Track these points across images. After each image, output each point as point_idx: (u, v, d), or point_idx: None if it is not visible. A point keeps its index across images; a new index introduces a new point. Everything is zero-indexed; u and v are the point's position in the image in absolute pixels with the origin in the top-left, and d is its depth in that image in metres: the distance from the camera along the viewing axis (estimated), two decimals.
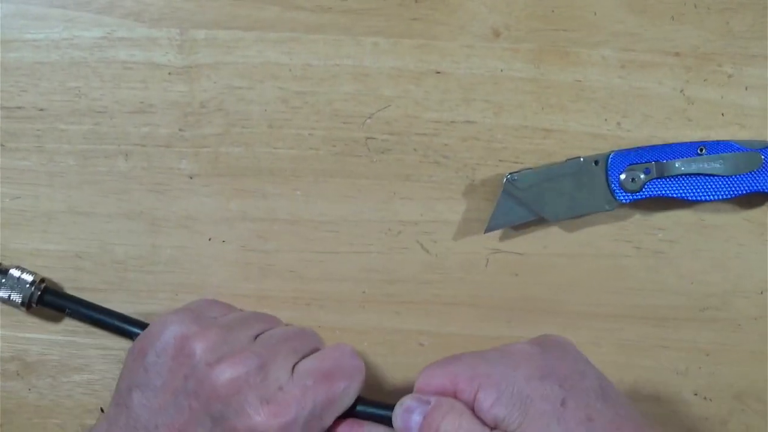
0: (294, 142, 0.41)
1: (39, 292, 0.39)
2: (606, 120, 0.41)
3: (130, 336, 0.38)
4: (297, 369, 0.34)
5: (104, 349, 0.41)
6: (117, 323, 0.39)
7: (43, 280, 0.39)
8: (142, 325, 0.39)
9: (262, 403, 0.32)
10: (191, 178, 0.41)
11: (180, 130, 0.41)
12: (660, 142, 0.41)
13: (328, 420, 0.34)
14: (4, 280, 0.39)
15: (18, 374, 0.41)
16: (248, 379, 0.33)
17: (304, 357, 0.35)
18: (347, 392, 0.35)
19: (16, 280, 0.39)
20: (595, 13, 0.41)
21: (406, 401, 0.33)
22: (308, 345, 0.36)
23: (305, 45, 0.41)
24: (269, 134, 0.41)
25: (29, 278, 0.39)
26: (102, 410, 0.41)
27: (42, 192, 0.41)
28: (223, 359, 0.33)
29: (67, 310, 0.39)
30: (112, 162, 0.41)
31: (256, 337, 0.36)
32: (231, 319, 0.36)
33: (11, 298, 0.39)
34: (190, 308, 0.37)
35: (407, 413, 0.32)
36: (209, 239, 0.41)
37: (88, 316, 0.39)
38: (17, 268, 0.39)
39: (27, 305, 0.39)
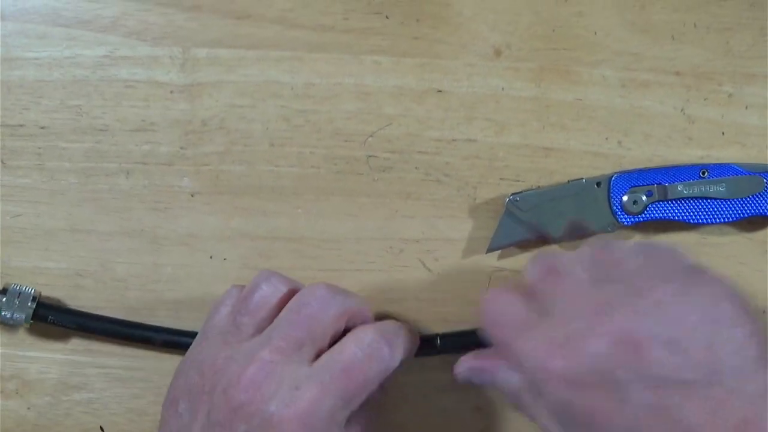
0: (295, 160, 0.41)
1: (40, 309, 0.39)
2: (607, 139, 0.41)
3: (148, 341, 0.40)
4: (314, 366, 0.33)
5: (104, 368, 0.41)
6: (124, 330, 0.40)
7: (35, 297, 0.39)
8: (149, 328, 0.40)
9: (280, 408, 0.32)
10: (192, 196, 0.41)
11: (181, 148, 0.41)
12: (661, 161, 0.41)
13: (354, 407, 0.34)
14: (4, 299, 0.39)
15: (17, 392, 0.41)
16: (263, 392, 0.32)
17: (321, 349, 0.34)
18: (369, 383, 0.34)
19: (16, 297, 0.39)
20: (596, 33, 0.41)
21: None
22: (326, 332, 0.35)
23: (307, 64, 0.41)
24: (271, 152, 0.41)
25: (30, 294, 0.39)
26: (102, 429, 0.41)
27: (43, 210, 0.41)
28: (236, 381, 0.33)
29: (73, 325, 0.39)
30: (114, 180, 0.41)
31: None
32: (239, 321, 0.35)
33: (14, 316, 0.38)
34: (206, 332, 0.37)
35: None
36: (210, 257, 0.41)
37: (92, 328, 0.40)
38: (15, 284, 0.39)
39: (29, 323, 0.39)
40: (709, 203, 0.40)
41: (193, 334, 0.38)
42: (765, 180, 0.39)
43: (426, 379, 0.41)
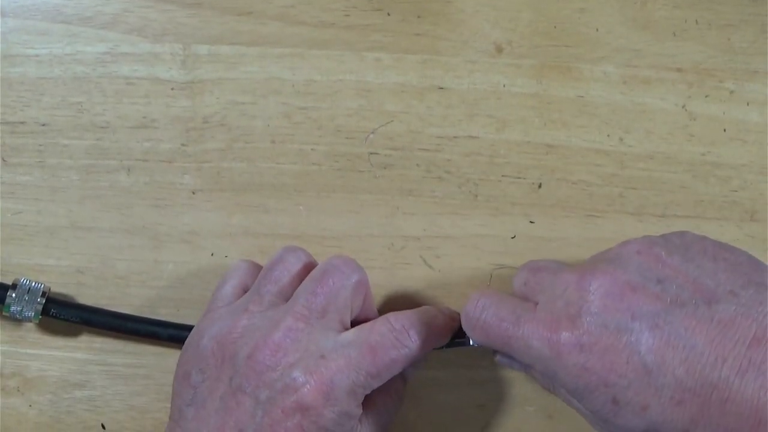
0: (297, 157, 0.41)
1: (49, 305, 0.39)
2: (608, 136, 0.41)
3: (154, 336, 0.39)
4: (340, 338, 0.34)
5: (105, 365, 0.41)
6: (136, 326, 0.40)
7: (44, 293, 0.39)
8: (155, 323, 0.40)
9: (306, 374, 0.32)
10: (194, 193, 0.41)
11: (182, 145, 0.41)
12: (662, 158, 0.41)
13: (374, 387, 0.34)
14: (14, 295, 0.38)
15: (18, 390, 0.41)
16: (289, 357, 0.33)
17: (345, 325, 0.35)
18: (394, 366, 0.34)
19: (26, 292, 0.39)
20: (597, 30, 0.41)
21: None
22: (347, 301, 0.35)
23: (308, 60, 0.41)
24: (272, 149, 0.41)
25: (39, 290, 0.39)
26: (103, 427, 0.41)
27: (44, 207, 0.41)
28: (262, 345, 0.33)
29: (77, 319, 0.39)
30: (114, 177, 0.41)
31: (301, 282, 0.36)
32: (261, 290, 0.36)
33: (24, 312, 0.38)
34: (216, 304, 0.37)
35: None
36: (212, 254, 0.41)
37: (102, 323, 0.39)
38: (25, 279, 0.39)
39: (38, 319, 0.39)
40: None
41: None
42: None
43: (429, 376, 0.40)
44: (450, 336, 0.37)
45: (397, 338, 0.34)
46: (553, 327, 0.31)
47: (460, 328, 0.36)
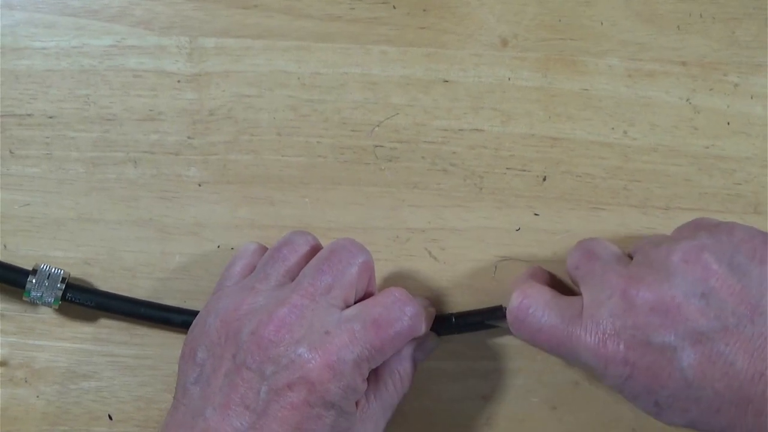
0: (302, 149, 0.41)
1: (68, 290, 0.39)
2: (613, 129, 0.41)
3: (168, 322, 0.40)
4: (344, 314, 0.34)
5: (112, 356, 0.41)
6: (153, 312, 0.40)
7: (64, 279, 0.39)
8: (170, 309, 0.40)
9: (311, 350, 0.32)
10: (200, 185, 0.41)
11: (189, 137, 0.41)
12: (666, 151, 0.41)
13: (379, 361, 0.34)
14: (34, 280, 0.39)
15: (26, 381, 0.41)
16: (293, 333, 0.33)
17: (349, 304, 0.35)
18: (398, 339, 0.34)
19: (46, 278, 0.39)
20: (602, 23, 0.42)
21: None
22: (353, 281, 0.35)
23: (314, 53, 0.41)
24: (278, 142, 0.41)
25: (60, 275, 0.39)
26: (110, 417, 0.41)
27: (51, 199, 0.41)
28: (266, 321, 0.33)
29: (92, 304, 0.39)
30: (121, 169, 0.41)
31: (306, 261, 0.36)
32: (267, 269, 0.36)
33: (44, 298, 0.39)
34: (224, 282, 0.38)
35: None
36: (218, 246, 0.41)
37: (120, 309, 0.40)
38: (44, 264, 0.39)
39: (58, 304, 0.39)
40: None
41: None
42: None
43: (433, 368, 0.41)
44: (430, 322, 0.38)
45: (400, 311, 0.35)
46: (600, 341, 0.32)
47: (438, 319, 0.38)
